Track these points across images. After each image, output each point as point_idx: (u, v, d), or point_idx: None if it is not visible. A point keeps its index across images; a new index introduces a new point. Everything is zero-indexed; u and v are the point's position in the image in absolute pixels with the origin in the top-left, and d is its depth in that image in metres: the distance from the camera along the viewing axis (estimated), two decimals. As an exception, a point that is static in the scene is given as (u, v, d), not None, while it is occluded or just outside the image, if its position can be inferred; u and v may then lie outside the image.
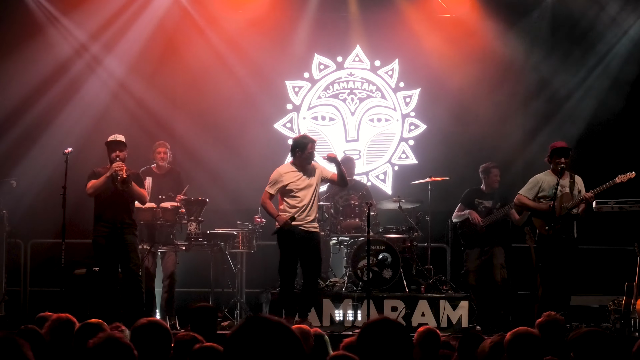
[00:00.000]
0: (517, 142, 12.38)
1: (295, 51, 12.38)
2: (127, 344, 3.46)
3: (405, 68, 12.56)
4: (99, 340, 3.41)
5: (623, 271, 10.08)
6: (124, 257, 8.66)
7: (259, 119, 12.31)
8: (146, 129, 11.47)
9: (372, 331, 3.12)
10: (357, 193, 10.64)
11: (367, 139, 12.55)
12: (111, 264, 8.68)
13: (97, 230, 8.72)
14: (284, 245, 8.83)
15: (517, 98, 12.53)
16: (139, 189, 8.73)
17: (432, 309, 9.79)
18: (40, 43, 11.57)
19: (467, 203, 10.49)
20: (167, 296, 9.64)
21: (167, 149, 9.97)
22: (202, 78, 12.18)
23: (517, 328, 4.39)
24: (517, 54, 12.47)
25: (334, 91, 12.61)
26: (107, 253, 8.65)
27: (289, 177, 8.85)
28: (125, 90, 11.89)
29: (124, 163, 8.63)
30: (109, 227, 8.64)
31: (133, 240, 8.75)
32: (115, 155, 8.67)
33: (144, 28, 11.83)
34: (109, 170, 8.59)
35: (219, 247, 9.79)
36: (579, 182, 9.25)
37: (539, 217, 9.16)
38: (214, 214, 10.43)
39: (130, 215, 8.81)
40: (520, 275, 10.97)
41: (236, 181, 11.86)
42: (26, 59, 11.48)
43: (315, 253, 8.87)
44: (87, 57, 11.81)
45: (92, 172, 8.80)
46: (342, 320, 9.64)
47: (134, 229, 8.84)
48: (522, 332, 4.28)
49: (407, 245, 10.46)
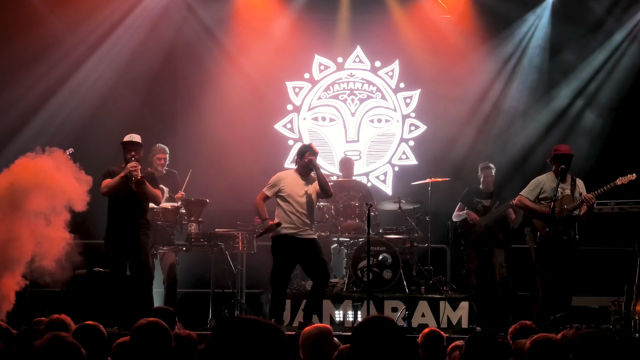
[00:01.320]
0: (518, 142, 12.37)
1: (296, 52, 12.38)
2: (73, 342, 3.42)
3: (406, 69, 12.56)
4: (44, 341, 3.39)
5: (623, 272, 10.07)
6: (134, 257, 8.55)
7: (259, 120, 12.31)
8: (146, 128, 11.45)
9: (366, 329, 3.11)
10: (357, 194, 10.63)
11: (367, 140, 12.55)
12: (121, 264, 8.58)
13: (110, 229, 8.62)
14: (277, 253, 8.66)
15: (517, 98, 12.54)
16: (153, 190, 8.61)
17: (432, 309, 9.79)
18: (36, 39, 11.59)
19: (466, 202, 10.50)
20: (168, 297, 9.62)
21: (167, 155, 9.95)
22: (203, 78, 12.19)
23: (537, 335, 4.37)
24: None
25: (335, 92, 12.61)
26: (118, 253, 8.55)
27: (288, 183, 8.74)
28: (125, 90, 11.87)
29: (139, 163, 8.55)
30: (122, 226, 8.54)
31: (145, 241, 8.65)
32: (130, 155, 8.58)
33: (144, 28, 11.82)
34: (124, 170, 8.50)
35: (219, 247, 9.79)
36: (579, 184, 9.25)
37: (540, 218, 9.16)
38: (214, 215, 10.43)
39: (144, 215, 8.71)
40: (520, 276, 10.96)
41: (236, 182, 11.85)
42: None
43: (317, 257, 8.65)
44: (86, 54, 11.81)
45: (107, 170, 8.68)
46: (343, 321, 9.64)
47: (147, 229, 8.75)
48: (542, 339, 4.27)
49: (408, 246, 10.47)
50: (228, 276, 9.86)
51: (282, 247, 8.63)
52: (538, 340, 4.23)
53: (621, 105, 12.44)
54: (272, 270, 8.69)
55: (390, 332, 3.07)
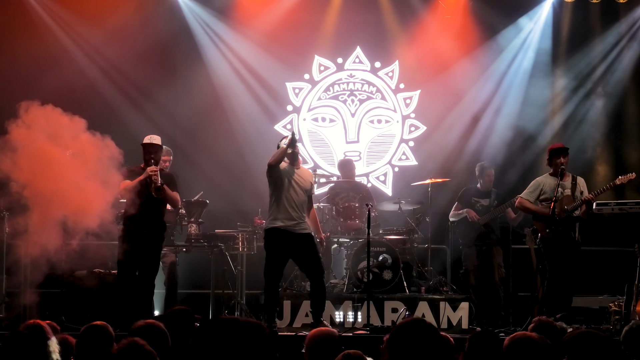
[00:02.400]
0: (518, 143, 12.36)
1: (296, 52, 12.38)
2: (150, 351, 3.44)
3: (406, 69, 12.56)
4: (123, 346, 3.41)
5: (623, 272, 10.07)
6: (146, 260, 8.47)
7: (259, 121, 12.31)
8: (147, 130, 11.45)
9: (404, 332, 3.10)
10: (357, 195, 10.63)
11: (367, 141, 12.55)
12: (133, 267, 8.48)
13: (124, 230, 8.48)
14: (270, 247, 8.50)
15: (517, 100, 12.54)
16: (171, 194, 8.50)
17: (433, 310, 9.78)
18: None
19: (464, 202, 10.50)
20: (169, 297, 9.63)
21: (171, 157, 9.89)
22: (203, 79, 12.18)
23: (516, 333, 4.36)
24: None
25: (334, 92, 12.61)
26: (132, 255, 8.42)
27: (283, 167, 8.55)
28: (125, 90, 11.88)
29: (157, 166, 8.41)
30: (137, 228, 8.42)
31: (159, 245, 8.57)
32: (149, 157, 8.45)
33: (143, 28, 11.81)
34: (144, 174, 8.36)
35: (219, 248, 9.79)
36: (580, 183, 9.24)
37: (540, 220, 9.15)
38: (214, 216, 10.43)
39: (160, 217, 8.60)
40: (520, 276, 10.97)
41: (236, 182, 11.86)
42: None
43: (311, 253, 8.50)
44: (86, 52, 11.81)
45: (127, 170, 8.43)
46: (343, 322, 9.63)
47: (163, 231, 8.66)
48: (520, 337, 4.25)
49: (408, 247, 10.47)
50: (228, 277, 9.86)
51: (274, 241, 8.44)
52: (517, 339, 4.22)
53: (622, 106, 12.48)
54: (265, 265, 8.53)
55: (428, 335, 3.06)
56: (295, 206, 8.46)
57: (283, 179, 8.48)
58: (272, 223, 8.47)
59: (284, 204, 8.44)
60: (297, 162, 8.65)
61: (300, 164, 8.75)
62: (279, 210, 8.45)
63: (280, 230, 8.43)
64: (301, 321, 9.42)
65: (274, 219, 8.47)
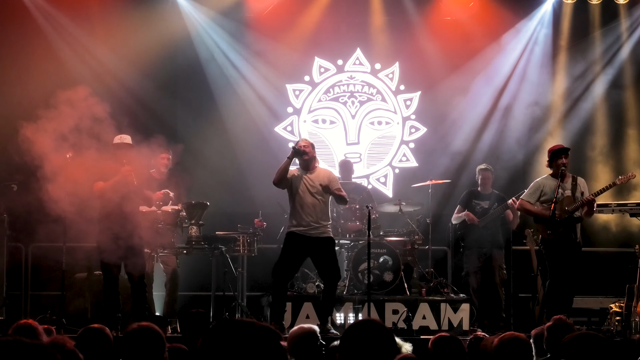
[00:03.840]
0: (518, 143, 12.37)
1: (296, 54, 12.38)
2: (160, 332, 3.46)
3: (406, 71, 12.56)
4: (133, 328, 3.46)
5: (624, 274, 10.07)
6: (125, 259, 8.43)
7: (259, 122, 12.31)
8: (147, 132, 11.45)
9: (355, 333, 3.10)
10: (357, 196, 10.62)
11: (367, 142, 12.55)
12: (115, 268, 8.46)
13: (101, 231, 8.39)
14: (284, 247, 8.73)
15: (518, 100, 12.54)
16: (145, 193, 8.55)
17: (433, 312, 9.78)
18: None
19: (465, 204, 10.51)
20: (169, 299, 9.63)
21: (170, 155, 9.90)
22: (203, 81, 12.19)
23: (505, 333, 4.36)
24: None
25: (335, 94, 12.61)
26: (110, 255, 8.36)
27: (294, 174, 8.73)
28: (125, 91, 11.88)
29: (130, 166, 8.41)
30: (114, 229, 8.34)
31: (139, 244, 8.52)
32: (122, 158, 8.41)
33: (144, 27, 11.81)
34: (119, 175, 8.34)
35: (220, 250, 9.79)
36: (581, 183, 9.22)
37: (541, 222, 9.14)
38: (214, 218, 10.43)
39: (135, 218, 8.56)
40: (521, 277, 10.96)
41: (237, 184, 11.86)
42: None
43: (328, 258, 8.66)
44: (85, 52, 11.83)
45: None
46: (344, 324, 9.62)
47: (140, 229, 8.59)
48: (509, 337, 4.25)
49: (408, 248, 10.46)
50: (229, 279, 9.85)
51: (290, 242, 8.67)
52: (506, 339, 4.21)
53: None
54: (276, 262, 8.71)
55: (380, 335, 3.06)
56: (309, 211, 8.65)
57: (293, 187, 8.70)
58: (289, 227, 8.77)
59: (298, 210, 8.67)
60: (312, 167, 8.74)
61: (315, 167, 8.78)
62: (294, 216, 8.72)
63: (296, 234, 8.68)
64: (302, 323, 9.40)
65: (290, 224, 8.76)
